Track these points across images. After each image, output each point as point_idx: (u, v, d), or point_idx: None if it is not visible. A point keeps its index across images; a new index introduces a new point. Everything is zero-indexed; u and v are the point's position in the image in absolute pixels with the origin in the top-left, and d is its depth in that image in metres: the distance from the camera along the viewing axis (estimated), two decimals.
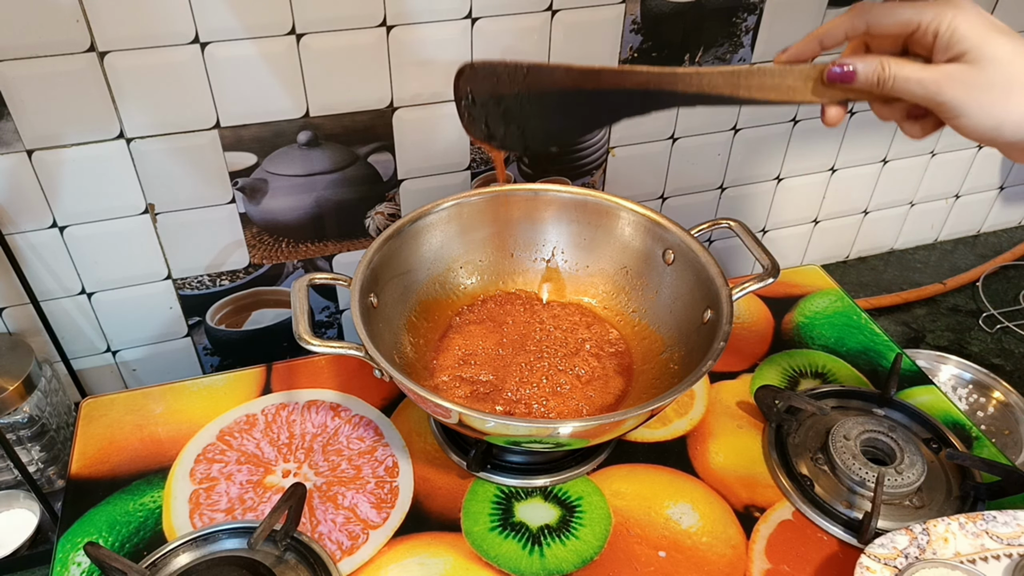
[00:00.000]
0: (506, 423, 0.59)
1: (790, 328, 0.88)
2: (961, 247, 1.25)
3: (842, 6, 0.89)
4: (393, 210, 0.88)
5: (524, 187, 0.81)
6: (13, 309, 0.80)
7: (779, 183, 1.06)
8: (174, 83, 0.71)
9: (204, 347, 0.92)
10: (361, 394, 0.79)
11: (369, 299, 0.70)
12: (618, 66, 0.80)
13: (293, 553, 0.63)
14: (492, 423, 0.60)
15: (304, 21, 0.72)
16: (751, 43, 0.89)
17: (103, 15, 0.66)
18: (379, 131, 0.81)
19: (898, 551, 0.60)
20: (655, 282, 0.79)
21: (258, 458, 0.72)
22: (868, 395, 0.78)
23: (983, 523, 0.63)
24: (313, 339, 0.65)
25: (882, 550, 0.60)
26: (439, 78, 0.79)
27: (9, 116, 0.68)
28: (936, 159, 1.12)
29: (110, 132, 0.72)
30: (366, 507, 0.68)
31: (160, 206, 0.79)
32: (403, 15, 0.74)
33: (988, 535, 0.62)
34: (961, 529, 0.62)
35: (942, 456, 0.72)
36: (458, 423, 0.62)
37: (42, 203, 0.74)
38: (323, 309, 0.95)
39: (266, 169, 0.80)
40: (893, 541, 0.61)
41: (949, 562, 0.59)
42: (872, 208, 1.16)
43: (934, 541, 0.61)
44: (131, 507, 0.68)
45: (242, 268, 0.86)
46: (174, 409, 0.77)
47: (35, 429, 0.78)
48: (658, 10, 0.82)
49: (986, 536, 0.62)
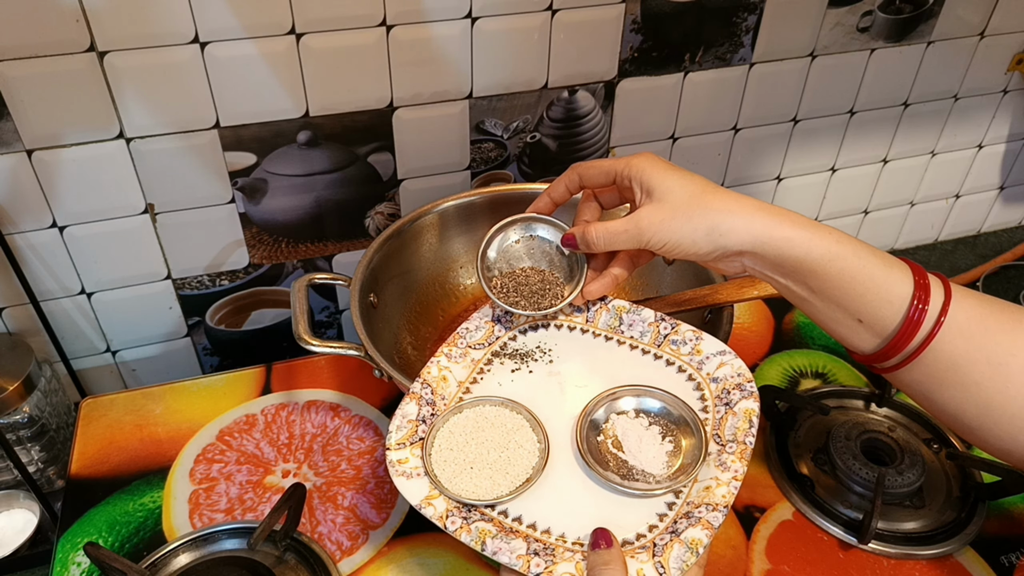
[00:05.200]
0: None
1: (791, 328, 0.88)
2: (961, 247, 1.25)
3: (842, 6, 0.89)
4: (393, 210, 0.88)
5: (524, 187, 0.81)
6: (13, 309, 0.80)
7: (779, 183, 1.05)
8: (174, 83, 0.71)
9: (204, 347, 0.91)
10: (361, 394, 0.79)
11: (369, 299, 0.70)
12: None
13: (293, 553, 0.63)
14: None
15: (304, 21, 0.72)
16: (751, 43, 0.89)
17: (103, 15, 0.66)
18: (379, 131, 0.81)
19: (413, 421, 0.55)
20: (655, 282, 0.79)
21: (258, 458, 0.72)
22: (868, 395, 0.78)
23: (463, 340, 0.60)
24: (313, 339, 0.65)
25: (399, 433, 0.54)
26: (439, 78, 0.79)
27: (9, 116, 0.68)
28: (936, 159, 1.12)
29: (110, 132, 0.72)
30: (366, 507, 0.68)
31: (160, 206, 0.78)
32: (403, 15, 0.74)
33: (471, 348, 0.60)
34: (449, 360, 0.59)
35: (942, 456, 0.72)
36: None
37: (42, 203, 0.74)
38: (323, 309, 0.94)
39: (266, 169, 0.79)
40: (404, 415, 0.55)
41: (461, 405, 0.56)
42: (872, 208, 1.16)
43: (436, 388, 0.57)
44: (131, 507, 0.68)
45: (242, 268, 0.86)
46: (174, 409, 0.77)
47: (35, 429, 0.78)
48: (658, 10, 0.82)
49: (471, 351, 0.60)
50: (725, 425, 0.53)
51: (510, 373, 0.59)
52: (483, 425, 0.55)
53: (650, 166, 0.55)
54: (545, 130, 0.88)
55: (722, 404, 0.54)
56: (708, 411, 0.55)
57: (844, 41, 0.93)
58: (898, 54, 0.97)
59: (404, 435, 0.54)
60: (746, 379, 0.55)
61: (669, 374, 0.57)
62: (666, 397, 0.55)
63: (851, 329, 0.52)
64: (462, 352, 0.60)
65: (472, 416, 0.55)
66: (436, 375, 0.58)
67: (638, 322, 0.60)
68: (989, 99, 1.08)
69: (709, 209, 0.52)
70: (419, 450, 0.53)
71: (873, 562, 0.64)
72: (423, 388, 0.57)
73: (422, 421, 0.55)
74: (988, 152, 1.15)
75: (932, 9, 0.94)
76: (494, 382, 0.58)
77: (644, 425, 0.54)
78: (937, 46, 0.98)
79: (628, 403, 0.56)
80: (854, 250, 0.50)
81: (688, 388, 0.56)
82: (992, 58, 1.03)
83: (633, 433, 0.54)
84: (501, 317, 0.62)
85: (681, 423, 0.54)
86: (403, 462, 0.53)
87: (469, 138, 0.85)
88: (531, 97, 0.84)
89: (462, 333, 0.61)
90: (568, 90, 0.85)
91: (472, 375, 0.59)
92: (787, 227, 0.51)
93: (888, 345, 0.50)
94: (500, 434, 0.54)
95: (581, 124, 0.88)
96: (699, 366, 0.57)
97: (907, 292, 0.49)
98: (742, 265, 0.54)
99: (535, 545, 0.48)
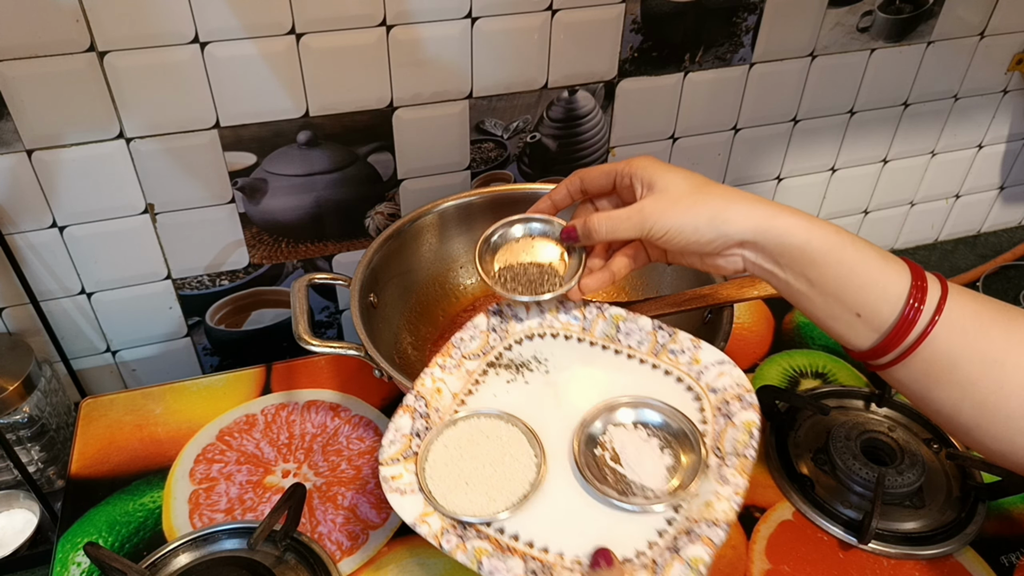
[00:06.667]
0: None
1: (791, 328, 0.88)
2: (961, 247, 1.25)
3: (842, 6, 0.89)
4: (393, 210, 0.88)
5: (524, 187, 0.82)
6: (13, 309, 0.80)
7: (779, 183, 1.05)
8: (174, 83, 0.71)
9: (204, 347, 0.91)
10: (361, 394, 0.79)
11: (369, 299, 0.70)
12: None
13: (293, 553, 0.63)
14: None
15: (304, 21, 0.72)
16: (751, 43, 0.89)
17: (103, 15, 0.66)
18: (379, 131, 0.81)
19: (407, 435, 0.54)
20: (655, 282, 0.79)
21: (258, 458, 0.72)
22: (868, 395, 0.78)
23: (456, 351, 0.58)
24: (313, 339, 0.65)
25: (392, 448, 0.53)
26: (439, 78, 0.79)
27: (9, 116, 0.68)
28: (936, 159, 1.12)
29: (110, 132, 0.72)
30: (366, 507, 0.68)
31: (160, 206, 0.78)
32: (403, 15, 0.74)
33: (466, 359, 0.58)
34: (443, 371, 0.57)
35: (942, 456, 0.72)
36: None
37: (42, 203, 0.74)
38: (323, 309, 0.94)
39: (266, 169, 0.79)
40: (397, 428, 0.54)
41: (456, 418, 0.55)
42: (872, 208, 1.16)
43: (430, 400, 0.56)
44: (131, 507, 0.68)
45: (242, 268, 0.86)
46: (174, 409, 0.77)
47: (35, 429, 0.78)
48: (658, 10, 0.82)
49: (465, 361, 0.58)
50: (725, 437, 0.52)
51: (505, 384, 0.58)
52: (478, 439, 0.54)
53: (650, 164, 0.56)
54: (545, 130, 0.88)
55: (722, 415, 0.53)
56: (707, 422, 0.53)
57: (844, 41, 0.93)
58: (898, 54, 0.97)
59: (397, 450, 0.53)
60: (746, 389, 0.54)
61: (667, 384, 0.56)
62: (665, 409, 0.54)
63: (849, 324, 0.52)
64: (456, 363, 0.58)
65: (467, 429, 0.54)
66: (430, 387, 0.56)
67: (635, 331, 0.59)
68: (989, 99, 1.08)
69: (711, 197, 0.53)
70: (413, 465, 0.52)
71: (873, 562, 0.64)
72: (417, 400, 0.55)
73: (416, 435, 0.54)
74: (988, 152, 1.15)
75: (932, 9, 0.94)
76: (489, 393, 0.57)
77: (643, 437, 0.54)
78: (937, 46, 0.98)
79: (626, 415, 0.55)
80: (852, 242, 0.51)
81: (687, 399, 0.55)
82: (992, 58, 1.03)
83: (632, 446, 0.53)
84: (496, 327, 0.60)
85: (681, 436, 0.53)
86: (397, 478, 0.51)
87: (469, 138, 0.85)
88: (531, 97, 0.84)
89: (456, 343, 0.59)
90: (568, 90, 0.85)
91: (467, 386, 0.57)
92: (787, 216, 0.52)
93: (884, 340, 0.50)
94: (496, 448, 0.53)
95: (581, 124, 0.88)
96: (698, 376, 0.56)
97: (904, 287, 0.50)
98: (741, 260, 0.54)
99: (533, 564, 0.47)
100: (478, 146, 0.86)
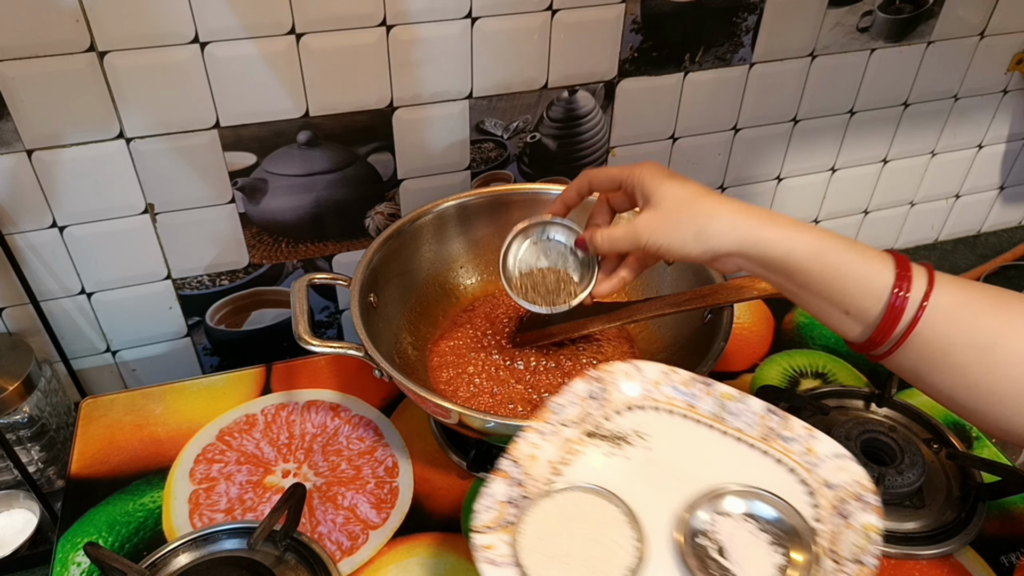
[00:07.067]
0: (506, 423, 0.59)
1: (791, 328, 0.88)
2: (961, 247, 1.25)
3: (842, 6, 0.89)
4: (393, 210, 0.88)
5: (524, 187, 0.81)
6: (13, 309, 0.80)
7: (779, 183, 1.05)
8: (174, 83, 0.71)
9: (204, 347, 0.91)
10: (361, 394, 0.79)
11: (369, 299, 0.70)
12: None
13: (293, 553, 0.63)
14: (492, 423, 0.60)
15: (304, 21, 0.72)
16: (751, 43, 0.89)
17: (103, 15, 0.66)
18: (379, 131, 0.81)
19: (501, 502, 0.51)
20: (655, 282, 0.79)
21: (258, 458, 0.72)
22: (868, 395, 0.78)
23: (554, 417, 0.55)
24: (313, 339, 0.65)
25: (487, 515, 0.50)
26: (439, 78, 0.79)
27: (9, 116, 0.68)
28: (936, 159, 1.12)
29: (110, 132, 0.72)
30: (366, 507, 0.68)
31: (160, 206, 0.78)
32: (403, 15, 0.74)
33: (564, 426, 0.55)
34: (540, 436, 0.55)
35: (942, 456, 0.72)
36: (458, 423, 0.62)
37: (42, 203, 0.74)
38: (323, 309, 0.94)
39: (266, 169, 0.79)
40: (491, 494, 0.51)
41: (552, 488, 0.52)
42: (872, 208, 1.16)
43: (526, 467, 0.53)
44: (131, 507, 0.68)
45: (242, 268, 0.86)
46: (174, 409, 0.77)
47: (35, 429, 0.78)
48: (658, 10, 0.82)
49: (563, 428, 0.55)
50: (841, 540, 0.48)
51: (604, 457, 0.54)
52: (575, 515, 0.51)
53: (649, 175, 0.58)
54: (545, 130, 0.88)
55: (838, 515, 0.49)
56: (821, 520, 0.49)
57: (844, 41, 0.93)
58: (898, 54, 0.97)
59: (491, 517, 0.50)
60: (867, 489, 0.50)
61: (778, 474, 0.52)
62: (779, 503, 0.50)
63: (840, 320, 0.54)
64: (553, 429, 0.55)
65: (564, 503, 0.51)
66: (525, 452, 0.53)
67: (744, 412, 0.55)
68: (989, 99, 1.08)
69: (697, 214, 0.55)
70: (508, 535, 0.49)
71: None
72: (512, 467, 0.52)
73: (510, 503, 0.51)
74: (988, 152, 1.15)
75: (932, 9, 0.94)
76: (587, 465, 0.54)
77: (752, 531, 0.50)
78: (937, 46, 0.98)
79: (735, 504, 0.51)
80: (833, 246, 0.52)
81: (799, 492, 0.51)
82: (992, 58, 1.03)
83: (740, 540, 0.49)
84: (596, 394, 0.57)
85: (793, 534, 0.49)
86: (490, 547, 0.48)
87: (469, 138, 0.85)
88: (531, 97, 0.84)
89: (553, 408, 0.56)
90: (568, 90, 0.85)
91: (563, 455, 0.54)
92: (769, 229, 0.53)
93: (874, 333, 0.52)
94: (596, 526, 0.50)
95: (581, 124, 0.88)
96: (812, 468, 0.52)
97: (888, 281, 0.51)
98: (735, 265, 0.56)
99: None
100: (478, 146, 0.86)
